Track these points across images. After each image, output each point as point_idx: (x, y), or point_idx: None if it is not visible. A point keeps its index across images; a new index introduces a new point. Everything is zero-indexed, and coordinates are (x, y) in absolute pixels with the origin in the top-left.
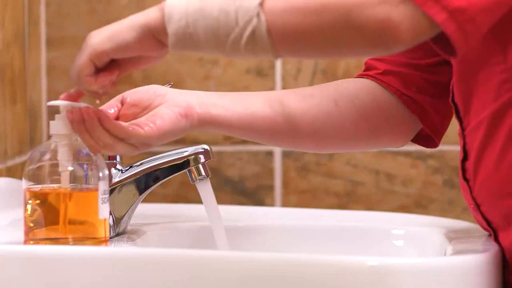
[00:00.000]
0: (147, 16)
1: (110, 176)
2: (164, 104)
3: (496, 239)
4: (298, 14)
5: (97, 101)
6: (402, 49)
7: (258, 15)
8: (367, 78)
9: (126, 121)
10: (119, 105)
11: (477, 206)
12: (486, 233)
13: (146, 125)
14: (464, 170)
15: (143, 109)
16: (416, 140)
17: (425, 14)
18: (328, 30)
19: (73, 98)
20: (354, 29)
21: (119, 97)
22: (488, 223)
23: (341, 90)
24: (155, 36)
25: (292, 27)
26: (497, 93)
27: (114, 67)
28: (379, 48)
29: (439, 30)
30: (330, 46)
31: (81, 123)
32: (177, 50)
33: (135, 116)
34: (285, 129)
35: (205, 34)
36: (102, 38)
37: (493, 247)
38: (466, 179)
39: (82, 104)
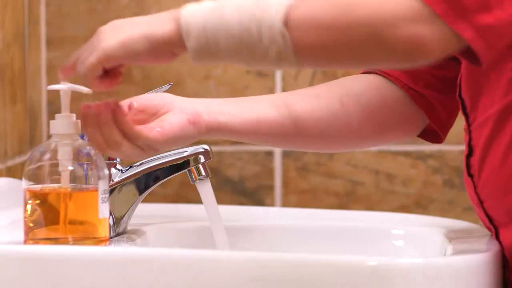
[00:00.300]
0: (162, 28)
1: (110, 176)
2: (172, 111)
3: (497, 237)
4: (325, 31)
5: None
6: (429, 62)
7: (283, 35)
8: (375, 73)
9: None
10: (126, 110)
11: (480, 203)
12: (487, 232)
13: (154, 129)
14: (468, 166)
15: (151, 115)
16: (421, 135)
17: (454, 31)
18: (356, 47)
19: (70, 71)
20: (384, 47)
21: (126, 101)
22: (490, 220)
23: (347, 89)
24: (169, 49)
25: (319, 44)
26: (507, 90)
27: (119, 67)
28: (408, 63)
29: (466, 44)
30: (358, 62)
31: (96, 116)
32: (197, 62)
33: (143, 123)
34: (292, 132)
35: (227, 50)
36: (115, 43)
37: (493, 247)
38: (470, 175)
39: (83, 88)
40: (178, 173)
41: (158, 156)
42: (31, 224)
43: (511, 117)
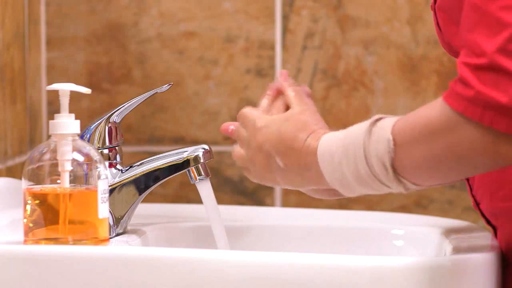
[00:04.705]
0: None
1: (110, 176)
2: None
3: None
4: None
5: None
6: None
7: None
8: None
9: None
10: None
11: (477, 204)
12: (487, 232)
13: None
14: None
15: None
16: None
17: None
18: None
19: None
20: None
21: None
22: (488, 221)
23: None
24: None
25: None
26: None
27: None
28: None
29: None
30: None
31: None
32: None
33: None
34: None
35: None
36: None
37: (493, 246)
38: (466, 178)
39: (83, 88)
40: (178, 173)
41: (158, 156)
42: (30, 224)
43: None
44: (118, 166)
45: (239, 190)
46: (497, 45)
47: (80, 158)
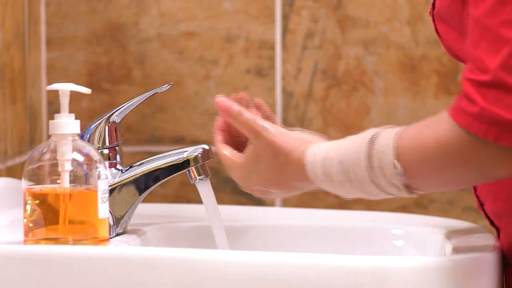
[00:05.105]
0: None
1: (110, 176)
2: None
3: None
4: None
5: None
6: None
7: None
8: None
9: None
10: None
11: (481, 205)
12: (487, 232)
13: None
14: None
15: None
16: None
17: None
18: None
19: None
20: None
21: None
22: (491, 221)
23: None
24: None
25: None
26: None
27: None
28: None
29: None
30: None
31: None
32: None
33: None
34: None
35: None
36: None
37: (493, 247)
38: None
39: (83, 88)
40: (178, 173)
41: (158, 156)
42: (30, 224)
43: None
44: (118, 166)
45: (239, 190)
46: (498, 62)
47: (80, 158)
